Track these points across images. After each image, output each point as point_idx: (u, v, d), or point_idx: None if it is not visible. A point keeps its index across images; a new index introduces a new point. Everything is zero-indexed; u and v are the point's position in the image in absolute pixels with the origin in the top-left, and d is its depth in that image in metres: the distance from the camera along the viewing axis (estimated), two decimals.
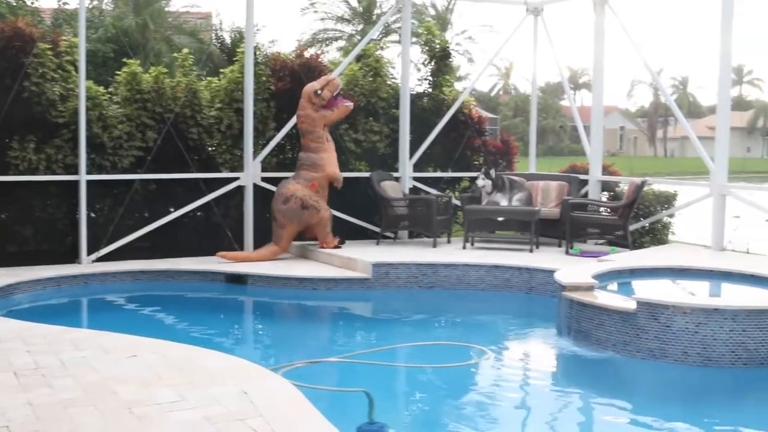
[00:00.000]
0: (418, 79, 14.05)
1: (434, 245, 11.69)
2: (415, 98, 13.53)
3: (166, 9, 21.39)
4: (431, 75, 13.96)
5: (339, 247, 11.40)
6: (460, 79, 41.20)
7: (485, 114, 13.54)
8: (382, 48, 13.79)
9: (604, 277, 8.77)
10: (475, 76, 29.74)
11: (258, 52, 12.39)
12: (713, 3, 10.78)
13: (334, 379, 7.02)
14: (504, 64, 74.17)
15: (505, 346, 8.41)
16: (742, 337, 7.08)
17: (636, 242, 12.00)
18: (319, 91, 11.31)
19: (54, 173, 10.85)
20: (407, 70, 13.05)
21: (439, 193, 13.00)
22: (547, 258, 10.61)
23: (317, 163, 11.46)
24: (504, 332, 8.94)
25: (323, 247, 11.39)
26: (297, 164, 11.68)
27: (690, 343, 7.12)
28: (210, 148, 12.05)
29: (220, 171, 11.94)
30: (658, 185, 12.70)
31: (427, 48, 13.94)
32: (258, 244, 11.81)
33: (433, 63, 13.94)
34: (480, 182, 12.15)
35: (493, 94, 75.72)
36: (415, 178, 13.09)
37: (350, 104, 11.66)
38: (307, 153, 11.53)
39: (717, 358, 7.09)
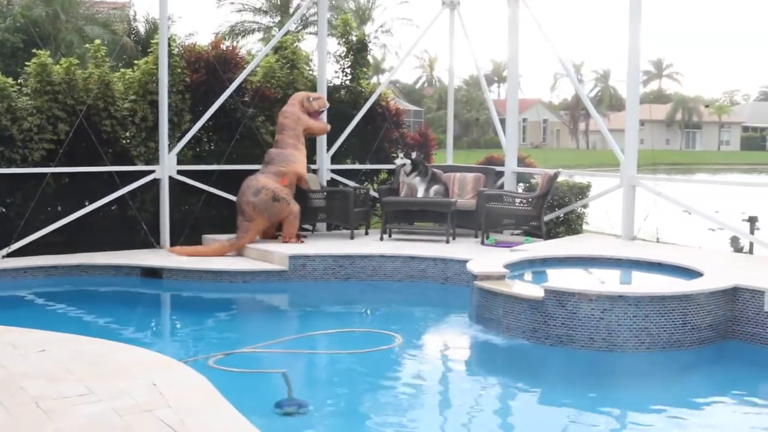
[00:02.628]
0: (336, 72, 14.18)
1: (352, 237, 11.86)
2: (333, 90, 13.65)
3: None
4: (349, 67, 14.09)
5: (301, 242, 11.46)
6: (384, 71, 41.47)
7: (408, 106, 13.75)
8: (299, 40, 13.84)
9: (515, 267, 9.06)
10: (393, 69, 29.97)
11: (173, 44, 12.35)
12: None
13: (249, 368, 7.10)
14: (428, 57, 74.98)
15: (417, 334, 8.62)
16: (645, 322, 7.42)
17: (551, 232, 12.35)
18: (311, 99, 11.95)
19: None
20: (324, 62, 13.15)
21: (356, 185, 13.15)
22: (463, 249, 10.86)
23: (289, 159, 11.70)
24: (418, 321, 9.16)
25: (286, 242, 11.40)
26: (265, 159, 11.81)
27: (596, 329, 7.42)
28: (124, 141, 11.98)
29: (134, 164, 11.88)
30: (577, 177, 13.09)
31: (343, 40, 14.06)
32: (175, 238, 11.81)
33: (350, 55, 14.07)
34: (399, 161, 12.32)
35: (417, 86, 76.34)
36: (333, 171, 13.23)
37: (328, 127, 12.36)
38: (279, 149, 11.74)
39: (621, 343, 7.40)
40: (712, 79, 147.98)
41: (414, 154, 12.52)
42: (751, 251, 11.38)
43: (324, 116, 12.38)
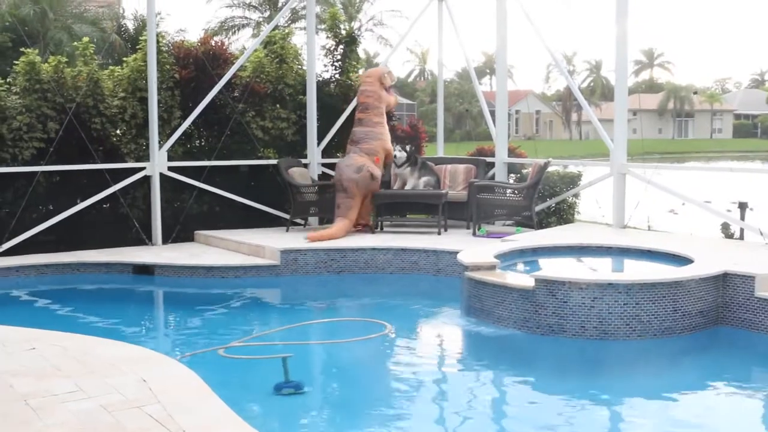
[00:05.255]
0: (325, 65, 14.14)
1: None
2: (322, 84, 13.62)
3: None
4: (338, 61, 14.05)
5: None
6: (377, 65, 41.34)
7: (400, 100, 13.77)
8: (288, 35, 13.79)
9: (506, 257, 9.05)
10: (383, 63, 29.94)
11: (162, 41, 12.30)
12: None
13: (242, 360, 7.09)
14: (420, 49, 74.92)
15: (409, 325, 8.59)
16: (636, 310, 7.41)
17: (542, 222, 12.35)
18: (386, 75, 12.31)
19: None
20: (313, 56, 13.12)
21: None
22: (454, 240, 10.84)
23: (379, 137, 12.02)
24: (409, 312, 9.13)
25: (359, 226, 11.72)
26: (352, 138, 12.05)
27: (587, 317, 7.42)
28: (114, 139, 11.93)
29: (125, 161, 11.84)
30: (569, 167, 13.09)
31: (332, 34, 14.02)
32: (166, 234, 11.79)
33: (339, 49, 14.03)
34: (398, 153, 12.34)
35: (410, 80, 76.28)
36: (324, 164, 13.20)
37: (398, 100, 12.79)
38: (366, 128, 12.02)
39: (613, 331, 7.40)
40: (704, 67, 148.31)
41: (408, 147, 12.57)
42: (741, 237, 11.38)
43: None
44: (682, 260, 8.66)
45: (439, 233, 11.46)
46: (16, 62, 11.54)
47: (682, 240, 10.21)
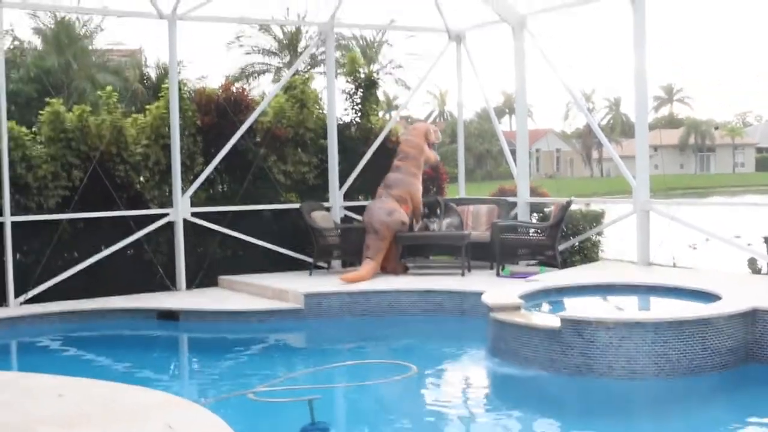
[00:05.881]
0: (345, 109, 14.23)
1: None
2: (343, 128, 13.70)
3: (90, 47, 21.28)
4: (359, 104, 14.14)
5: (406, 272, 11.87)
6: (397, 107, 41.63)
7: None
8: (308, 80, 13.92)
9: (531, 297, 8.99)
10: (403, 104, 30.15)
11: (183, 88, 12.45)
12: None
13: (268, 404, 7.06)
14: (438, 91, 75.29)
15: (435, 367, 8.55)
16: (665, 348, 7.32)
17: (566, 261, 12.27)
18: (432, 131, 12.69)
19: None
20: (333, 100, 13.22)
21: None
22: (479, 281, 10.80)
23: (411, 187, 12.15)
24: (435, 354, 9.09)
25: (386, 269, 11.71)
26: (385, 182, 12.16)
27: (614, 357, 7.33)
28: (138, 185, 12.03)
29: (149, 207, 11.92)
30: (592, 205, 13.07)
31: (352, 78, 14.14)
32: (190, 279, 11.84)
33: (359, 92, 14.13)
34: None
35: (429, 120, 76.63)
36: (347, 207, 13.23)
37: (438, 158, 13.09)
38: (401, 175, 12.15)
39: (641, 370, 7.31)
40: (724, 101, 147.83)
41: (430, 196, 12.72)
42: None
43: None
44: (709, 297, 8.56)
45: (462, 274, 11.40)
46: (42, 112, 11.71)
47: (709, 276, 10.12)
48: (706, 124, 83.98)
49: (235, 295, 11.37)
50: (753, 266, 11.54)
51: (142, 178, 12.08)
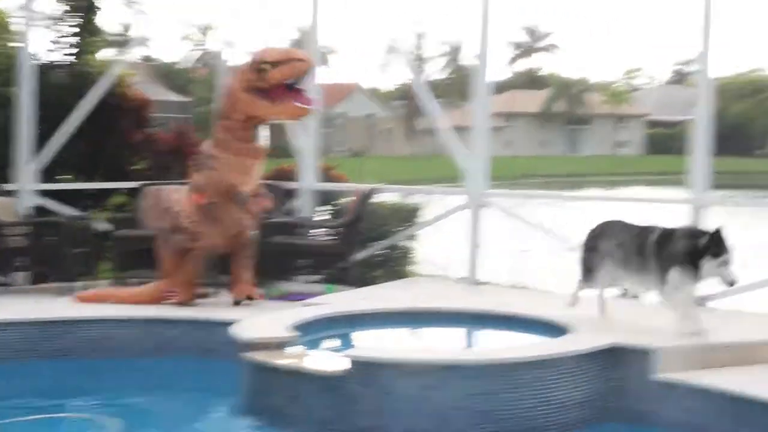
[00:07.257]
0: (50, 42, 14.00)
1: (68, 293, 11.57)
2: (45, 70, 13.42)
3: None
4: (70, 36, 13.95)
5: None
6: (130, 43, 40.94)
7: (166, 96, 13.64)
8: None
9: (307, 329, 9.09)
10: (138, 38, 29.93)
11: None
12: None
13: None
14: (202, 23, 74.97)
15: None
16: (491, 402, 7.57)
17: (364, 277, 12.48)
18: (265, 67, 10.32)
19: None
20: (28, 28, 12.92)
21: (78, 213, 12.94)
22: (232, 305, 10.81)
23: (207, 170, 10.69)
24: (163, 411, 9.05)
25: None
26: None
27: (420, 415, 7.52)
28: None
29: None
30: (407, 197, 13.38)
31: None
32: None
33: (72, 18, 13.93)
34: None
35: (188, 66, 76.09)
36: (42, 192, 12.91)
37: (307, 107, 10.66)
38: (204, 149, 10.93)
39: None
40: (606, 54, 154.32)
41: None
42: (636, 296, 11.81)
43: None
44: (555, 329, 8.93)
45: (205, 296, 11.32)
46: None
47: (557, 300, 10.37)
48: (579, 85, 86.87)
49: None
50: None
51: None
